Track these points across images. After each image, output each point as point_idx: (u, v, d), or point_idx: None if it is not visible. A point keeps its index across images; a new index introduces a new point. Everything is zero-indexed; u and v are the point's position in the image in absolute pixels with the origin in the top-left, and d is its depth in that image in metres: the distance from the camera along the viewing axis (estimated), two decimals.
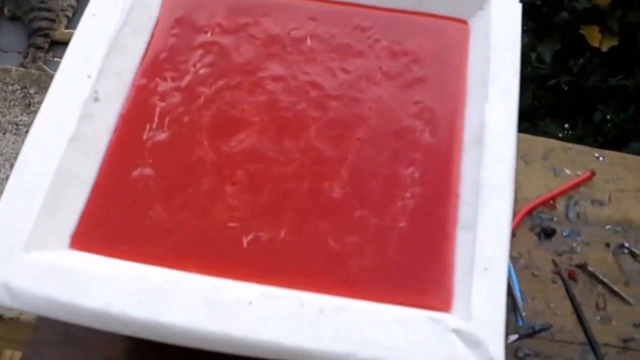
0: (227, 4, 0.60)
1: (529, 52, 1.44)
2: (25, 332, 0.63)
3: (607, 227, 0.77)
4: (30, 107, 0.78)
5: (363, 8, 0.61)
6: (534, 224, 0.76)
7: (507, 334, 0.70)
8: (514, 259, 0.74)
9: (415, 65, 0.58)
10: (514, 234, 0.75)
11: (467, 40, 0.60)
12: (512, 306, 0.71)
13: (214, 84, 0.56)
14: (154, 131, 0.54)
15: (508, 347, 0.68)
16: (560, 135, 1.35)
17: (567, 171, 0.79)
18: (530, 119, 1.42)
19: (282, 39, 0.59)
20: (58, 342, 0.62)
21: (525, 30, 1.47)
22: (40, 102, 0.78)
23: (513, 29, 0.58)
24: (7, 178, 0.55)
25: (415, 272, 0.49)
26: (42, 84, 0.85)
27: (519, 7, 0.59)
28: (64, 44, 1.85)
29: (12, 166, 0.48)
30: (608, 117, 1.36)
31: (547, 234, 0.75)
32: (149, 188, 0.51)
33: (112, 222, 0.50)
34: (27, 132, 0.49)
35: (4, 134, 0.71)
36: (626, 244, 0.75)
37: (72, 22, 1.98)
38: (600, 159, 0.81)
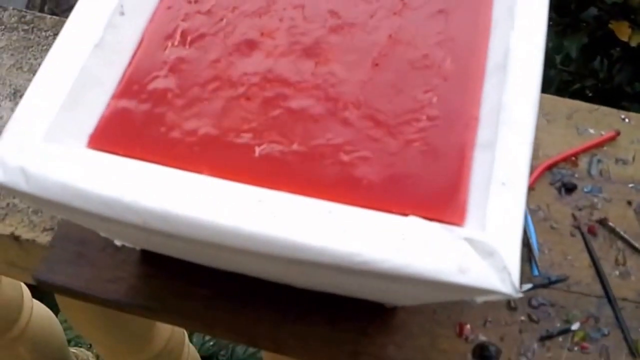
0: None
1: (553, 55, 1.43)
2: (41, 256, 0.65)
3: (630, 185, 0.76)
4: None
5: None
6: (555, 179, 0.76)
7: (522, 282, 0.70)
8: (532, 210, 0.73)
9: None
10: (532, 188, 0.75)
11: None
12: (527, 256, 0.71)
13: (237, 9, 0.58)
14: (175, 48, 0.55)
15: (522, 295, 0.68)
16: None
17: (591, 130, 0.79)
18: None
19: None
20: (71, 260, 0.64)
21: (551, 26, 1.47)
22: None
23: None
24: None
25: (428, 186, 0.50)
26: None
27: None
28: None
29: None
30: None
31: (568, 188, 0.75)
32: (166, 98, 0.53)
33: (130, 125, 0.51)
34: None
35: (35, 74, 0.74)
36: None
37: None
38: (626, 120, 0.80)
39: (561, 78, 1.46)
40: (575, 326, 0.68)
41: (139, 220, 0.45)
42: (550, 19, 0.58)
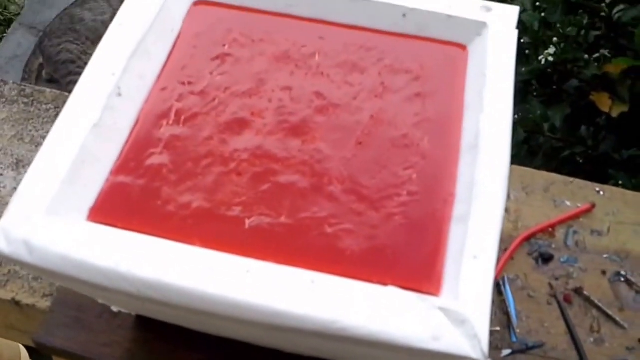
0: (243, 22, 0.66)
1: (541, 122, 1.48)
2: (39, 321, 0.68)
3: (605, 256, 0.80)
4: None
5: (369, 31, 0.67)
6: (533, 249, 0.79)
7: (501, 348, 0.72)
8: (511, 280, 0.77)
9: (416, 82, 0.63)
10: (512, 258, 0.78)
11: (465, 62, 0.65)
12: (506, 323, 0.74)
13: (228, 89, 0.62)
14: (169, 127, 0.59)
15: None
16: None
17: (568, 203, 0.83)
18: None
19: (293, 55, 0.65)
20: (69, 325, 0.67)
21: (535, 97, 1.52)
22: None
23: (508, 52, 0.63)
24: None
25: (406, 257, 0.53)
26: None
27: (514, 34, 0.64)
28: None
29: None
30: (620, 182, 1.38)
31: (545, 258, 0.78)
32: (162, 174, 0.56)
33: (127, 200, 0.55)
34: None
35: (36, 146, 0.78)
36: (622, 272, 0.78)
37: None
38: (601, 193, 0.84)
39: (551, 145, 1.50)
40: None
41: (133, 289, 0.48)
42: (534, 89, 0.62)
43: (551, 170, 1.47)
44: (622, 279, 0.78)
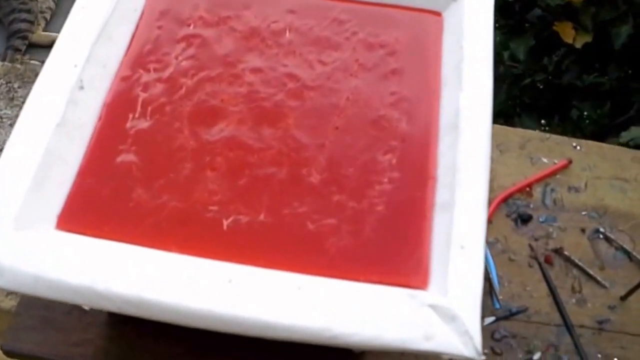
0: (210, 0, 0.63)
1: (501, 51, 1.46)
2: (5, 321, 0.65)
3: (583, 213, 0.79)
4: (14, 101, 0.80)
5: (341, 2, 0.64)
6: (511, 210, 0.78)
7: (484, 316, 0.72)
8: (490, 243, 0.76)
9: (391, 58, 0.61)
10: (490, 221, 0.77)
11: (441, 32, 0.62)
12: (488, 289, 0.73)
13: (195, 75, 0.58)
14: (136, 120, 0.56)
15: (485, 329, 0.70)
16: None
17: (544, 160, 0.82)
18: (505, 117, 1.44)
19: (262, 32, 0.61)
20: (36, 327, 0.65)
21: (497, 28, 1.49)
22: (23, 96, 0.80)
23: (486, 20, 0.61)
24: None
25: (392, 251, 0.51)
26: (26, 79, 0.87)
27: (490, 1, 0.62)
28: (41, 46, 1.88)
29: None
30: (585, 113, 1.38)
31: (524, 219, 0.78)
32: (132, 172, 0.53)
33: (97, 203, 0.52)
34: (10, 125, 0.51)
35: None
36: (601, 229, 0.78)
37: (50, 24, 1.98)
38: (578, 148, 0.83)
39: (512, 73, 1.48)
40: (536, 356, 0.71)
41: (113, 307, 0.46)
42: (495, 20, 0.60)
43: (514, 96, 1.47)
44: (601, 236, 0.78)
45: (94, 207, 0.52)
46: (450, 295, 0.48)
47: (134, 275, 0.47)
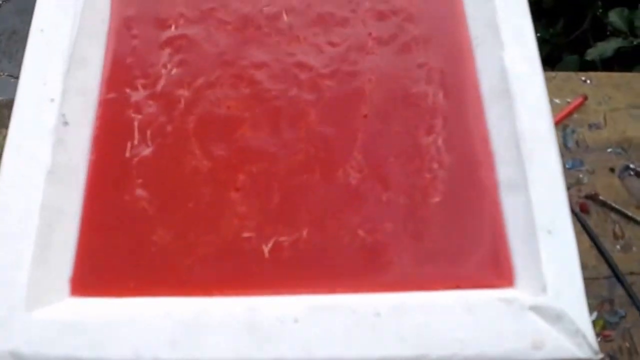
0: None
1: None
2: None
3: (609, 150, 0.74)
4: None
5: None
6: None
7: None
8: None
9: (408, 24, 0.53)
10: None
11: None
12: None
13: (192, 83, 0.50)
14: (136, 148, 0.47)
15: None
16: None
17: (557, 100, 0.76)
18: None
19: (256, 19, 0.53)
20: None
21: None
22: None
23: None
24: None
25: (463, 247, 0.45)
26: None
27: None
28: None
29: None
30: (539, 34, 1.33)
31: None
32: (145, 211, 0.45)
33: (113, 256, 0.44)
34: None
35: None
36: (630, 165, 0.73)
37: None
38: (587, 81, 0.78)
39: None
40: (592, 316, 0.66)
41: None
42: None
43: None
44: (632, 172, 0.72)
45: (111, 260, 0.44)
46: (550, 292, 0.41)
47: (181, 334, 0.39)
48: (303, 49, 0.52)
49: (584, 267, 0.66)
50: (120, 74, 0.50)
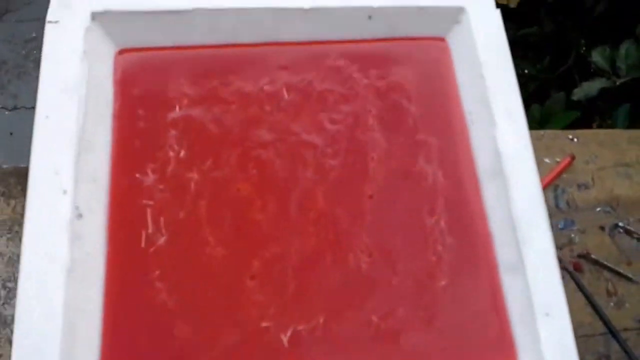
0: (188, 68, 0.54)
1: None
2: None
3: (598, 209, 0.75)
4: None
5: (333, 44, 0.56)
6: None
7: None
8: None
9: (404, 101, 0.54)
10: None
11: (449, 60, 0.56)
12: None
13: (201, 166, 0.50)
14: (151, 237, 0.47)
15: None
16: None
17: (547, 160, 0.77)
18: None
19: (258, 97, 0.53)
20: None
21: None
22: None
23: (497, 38, 0.55)
24: None
25: (470, 330, 0.46)
26: None
27: (497, 13, 0.56)
28: None
29: None
30: (525, 71, 1.35)
31: None
32: (165, 304, 0.45)
33: (136, 355, 0.44)
34: None
35: None
36: (620, 224, 0.74)
37: None
38: (575, 140, 0.79)
39: None
40: None
41: None
42: None
43: None
44: (621, 230, 0.74)
45: (135, 358, 0.44)
46: None
47: None
48: (305, 127, 0.52)
49: (580, 324, 0.68)
50: (129, 158, 0.50)
